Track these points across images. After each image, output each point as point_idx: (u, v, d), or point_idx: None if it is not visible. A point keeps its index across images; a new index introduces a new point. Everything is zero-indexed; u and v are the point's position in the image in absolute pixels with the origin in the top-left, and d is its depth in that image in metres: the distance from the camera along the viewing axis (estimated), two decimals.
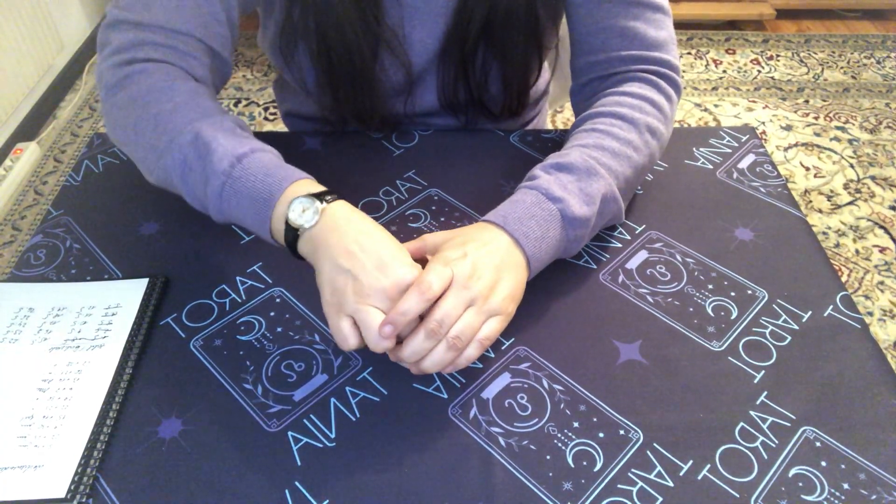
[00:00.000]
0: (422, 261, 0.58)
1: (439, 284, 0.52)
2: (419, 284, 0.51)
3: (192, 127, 0.59)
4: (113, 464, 0.52)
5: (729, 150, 0.84)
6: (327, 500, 0.50)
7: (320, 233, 0.54)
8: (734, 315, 0.64)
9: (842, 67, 2.46)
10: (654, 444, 0.54)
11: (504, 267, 0.56)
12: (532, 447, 0.54)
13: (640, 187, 0.77)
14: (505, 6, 0.71)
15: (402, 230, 0.72)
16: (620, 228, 0.72)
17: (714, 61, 2.47)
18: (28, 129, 2.06)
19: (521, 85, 0.81)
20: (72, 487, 0.50)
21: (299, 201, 0.55)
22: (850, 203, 1.90)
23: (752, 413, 0.56)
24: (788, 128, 2.16)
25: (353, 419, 0.56)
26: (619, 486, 0.52)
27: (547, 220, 0.59)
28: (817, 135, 2.13)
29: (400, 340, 0.53)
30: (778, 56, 2.52)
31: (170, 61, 0.65)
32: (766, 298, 0.66)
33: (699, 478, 0.52)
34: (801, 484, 0.52)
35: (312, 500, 0.50)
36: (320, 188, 0.57)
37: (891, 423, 0.55)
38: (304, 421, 0.55)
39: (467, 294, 0.53)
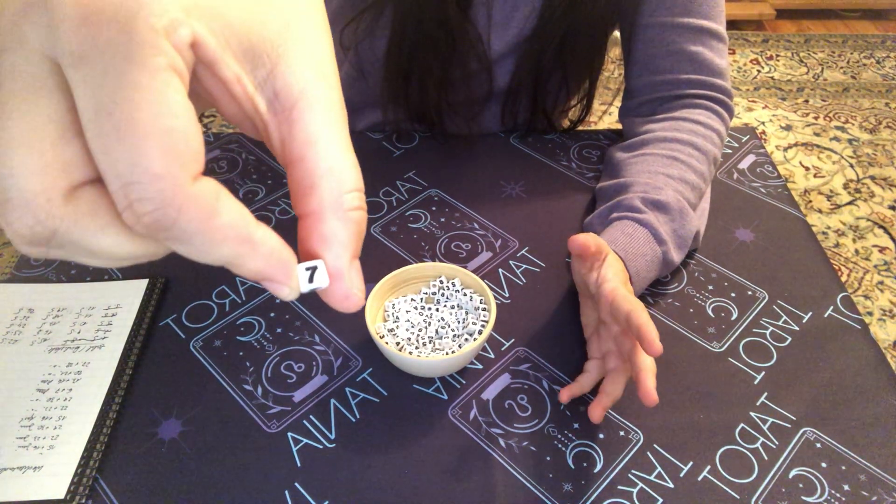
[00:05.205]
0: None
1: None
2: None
3: None
4: (113, 465, 0.52)
5: (729, 151, 0.83)
6: (327, 501, 0.50)
7: None
8: (734, 316, 0.64)
9: (842, 67, 2.46)
10: (655, 446, 0.54)
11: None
12: (532, 448, 0.54)
13: None
14: (582, 27, 0.74)
15: (403, 231, 0.72)
16: None
17: None
18: None
19: (587, 94, 0.84)
20: (71, 488, 0.50)
21: None
22: (850, 203, 1.90)
23: (752, 414, 0.56)
24: (788, 128, 2.16)
25: (353, 420, 0.56)
26: (619, 487, 0.52)
27: (652, 260, 0.62)
28: (817, 135, 2.13)
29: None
30: (778, 56, 2.52)
31: None
32: (766, 299, 0.65)
33: (699, 479, 0.52)
34: (801, 485, 0.52)
35: (312, 501, 0.50)
36: None
37: (891, 424, 0.55)
38: (304, 422, 0.55)
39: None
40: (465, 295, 0.60)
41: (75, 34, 0.17)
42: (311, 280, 0.22)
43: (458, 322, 0.59)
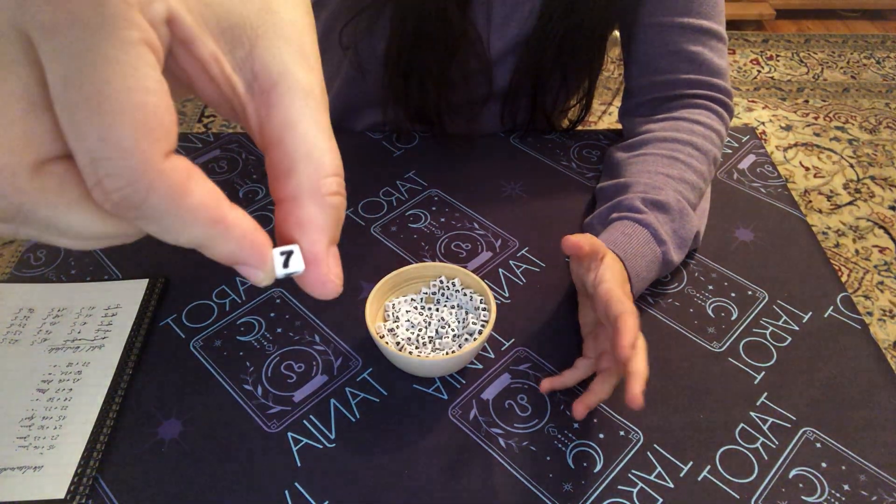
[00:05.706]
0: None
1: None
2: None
3: None
4: (113, 465, 0.52)
5: (729, 151, 0.83)
6: (327, 501, 0.50)
7: None
8: (734, 316, 0.64)
9: (841, 67, 2.46)
10: (655, 445, 0.54)
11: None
12: (532, 448, 0.54)
13: None
14: (582, 27, 0.74)
15: (403, 231, 0.72)
16: None
17: None
18: None
19: (587, 94, 0.84)
20: (71, 488, 0.50)
21: None
22: (850, 203, 1.90)
23: (752, 414, 0.56)
24: (788, 128, 2.16)
25: (353, 420, 0.56)
26: (619, 487, 0.52)
27: (652, 261, 0.62)
28: (817, 135, 2.13)
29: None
30: (778, 56, 2.52)
31: None
32: (766, 299, 0.65)
33: (699, 479, 0.52)
34: (801, 485, 0.52)
35: (312, 501, 0.50)
36: None
37: (891, 424, 0.55)
38: (304, 422, 0.55)
39: None
40: (465, 295, 0.60)
41: (46, 5, 0.16)
42: (286, 265, 0.22)
43: (458, 322, 0.59)
